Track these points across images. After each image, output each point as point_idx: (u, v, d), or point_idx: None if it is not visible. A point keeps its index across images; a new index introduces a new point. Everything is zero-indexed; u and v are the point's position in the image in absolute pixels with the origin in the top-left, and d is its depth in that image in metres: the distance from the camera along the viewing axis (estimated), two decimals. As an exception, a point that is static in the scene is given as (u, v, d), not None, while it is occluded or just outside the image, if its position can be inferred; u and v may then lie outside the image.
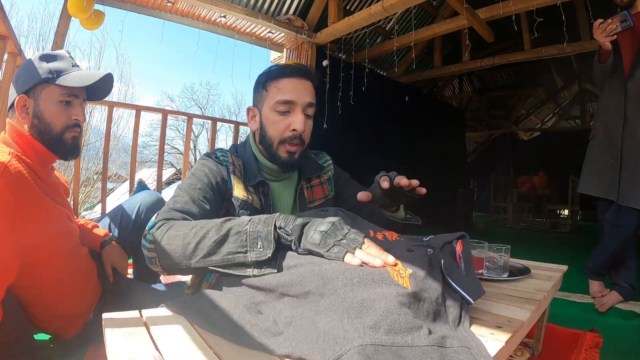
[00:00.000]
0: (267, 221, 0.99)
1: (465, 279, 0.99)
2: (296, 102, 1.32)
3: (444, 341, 0.75)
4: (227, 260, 0.99)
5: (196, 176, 1.28)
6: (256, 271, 0.97)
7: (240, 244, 0.98)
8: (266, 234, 0.97)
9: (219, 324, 0.89)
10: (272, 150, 1.36)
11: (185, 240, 1.02)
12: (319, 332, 0.78)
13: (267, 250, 0.96)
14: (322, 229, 0.94)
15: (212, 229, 1.01)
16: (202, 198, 1.23)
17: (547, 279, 1.51)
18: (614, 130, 2.42)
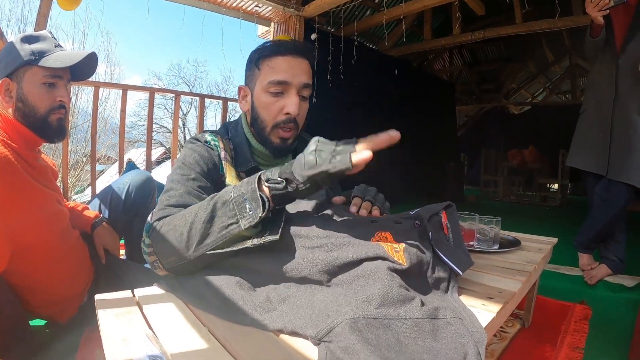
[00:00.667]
0: (250, 180, 0.94)
1: (454, 251, 0.99)
2: (290, 82, 1.22)
3: (437, 312, 0.75)
4: (222, 237, 0.91)
5: (187, 165, 1.20)
6: (256, 240, 0.90)
7: (230, 214, 0.91)
8: (251, 193, 0.91)
9: (212, 301, 0.89)
10: (264, 134, 1.28)
11: (177, 232, 0.95)
12: (314, 308, 0.77)
13: (257, 210, 0.89)
14: (311, 149, 0.87)
15: (200, 210, 0.95)
16: (197, 188, 1.14)
17: (537, 251, 1.51)
18: (605, 104, 2.41)
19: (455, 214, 1.14)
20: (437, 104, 7.63)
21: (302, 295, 0.83)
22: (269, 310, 0.81)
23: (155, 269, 1.03)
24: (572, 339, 1.81)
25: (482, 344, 0.70)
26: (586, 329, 1.91)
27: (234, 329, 0.79)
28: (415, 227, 0.98)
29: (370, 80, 5.71)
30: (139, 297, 0.93)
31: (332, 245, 0.87)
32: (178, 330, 0.77)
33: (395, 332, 0.68)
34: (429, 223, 1.03)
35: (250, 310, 0.82)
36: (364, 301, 0.73)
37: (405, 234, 0.93)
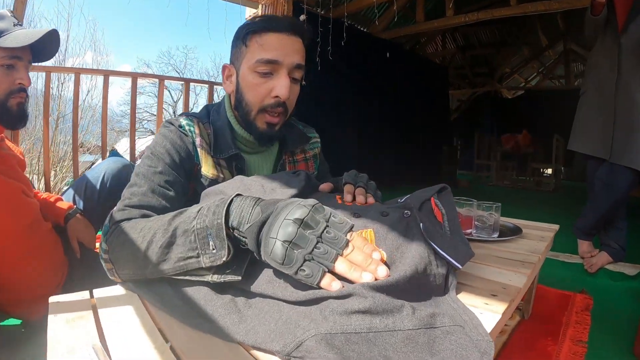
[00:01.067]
0: (217, 211, 0.74)
1: (451, 241, 0.85)
2: (281, 62, 1.09)
3: (433, 320, 0.62)
4: (179, 268, 0.77)
5: (156, 155, 1.06)
6: (216, 277, 0.75)
7: (190, 247, 0.75)
8: (217, 230, 0.72)
9: (172, 300, 0.77)
10: (248, 118, 1.15)
11: (133, 248, 0.82)
12: (281, 314, 0.64)
13: (222, 251, 0.72)
14: (287, 232, 0.66)
15: (158, 230, 0.80)
16: (163, 184, 1.02)
17: (539, 239, 1.40)
18: (607, 85, 2.32)
19: (451, 198, 1.01)
20: (429, 87, 7.53)
21: (270, 302, 0.70)
22: (232, 313, 0.68)
23: (111, 277, 0.90)
24: (575, 331, 1.71)
25: (489, 354, 0.58)
26: (588, 321, 1.81)
27: (194, 339, 0.67)
28: (405, 218, 0.85)
29: (361, 63, 5.59)
30: (97, 299, 0.84)
31: None
32: (132, 340, 0.67)
33: (382, 347, 0.56)
34: (420, 212, 0.90)
35: (212, 313, 0.69)
36: (342, 313, 0.60)
37: (393, 231, 0.79)
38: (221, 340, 0.65)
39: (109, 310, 0.78)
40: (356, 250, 0.68)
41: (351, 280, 0.66)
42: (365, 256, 0.68)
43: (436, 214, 0.94)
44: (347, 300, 0.62)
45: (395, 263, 0.73)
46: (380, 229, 0.79)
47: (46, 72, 2.93)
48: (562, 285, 2.21)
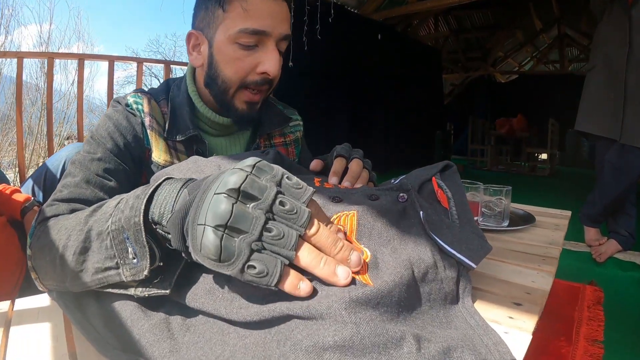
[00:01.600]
0: (135, 204, 0.51)
1: (461, 233, 0.64)
2: (270, 33, 0.89)
3: (448, 358, 0.41)
4: (98, 281, 0.54)
5: (96, 140, 0.89)
6: (139, 290, 0.53)
7: (107, 254, 0.53)
8: (134, 232, 0.50)
9: (93, 319, 0.56)
10: (224, 97, 0.96)
11: (51, 254, 0.61)
12: (225, 349, 0.44)
13: (143, 261, 0.50)
14: (219, 212, 0.42)
15: (73, 231, 0.59)
16: (101, 173, 0.84)
17: (554, 228, 1.22)
18: (617, 61, 2.17)
19: (458, 178, 0.79)
20: (422, 70, 7.42)
21: (215, 323, 0.49)
22: (162, 341, 0.48)
23: (40, 288, 0.69)
24: (589, 329, 1.55)
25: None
26: (602, 317, 1.66)
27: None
28: (400, 202, 0.64)
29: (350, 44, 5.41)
30: (16, 312, 0.68)
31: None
32: None
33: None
34: (419, 195, 0.69)
35: (137, 339, 0.49)
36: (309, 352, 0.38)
37: (382, 219, 0.58)
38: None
39: (23, 329, 0.62)
40: (323, 229, 0.47)
41: (320, 278, 0.45)
42: (334, 237, 0.47)
43: (440, 198, 0.74)
44: (318, 326, 0.41)
45: (385, 260, 0.53)
46: (366, 213, 0.58)
47: (18, 58, 2.79)
48: (570, 276, 2.06)
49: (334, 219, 0.56)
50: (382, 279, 0.47)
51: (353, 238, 0.54)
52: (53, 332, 0.61)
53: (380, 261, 0.51)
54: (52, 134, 3.11)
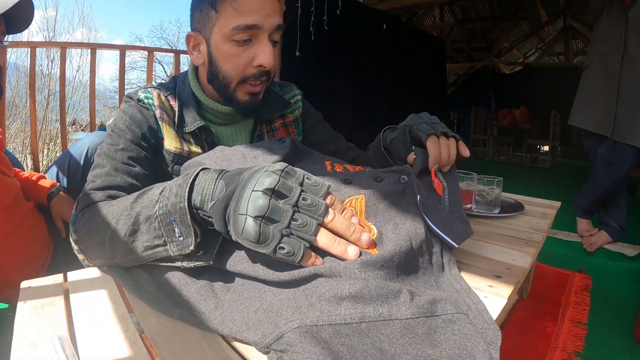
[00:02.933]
0: (179, 192, 0.64)
1: (448, 218, 0.77)
2: (262, 26, 0.95)
3: (434, 307, 0.54)
4: (147, 257, 0.69)
5: (116, 132, 0.99)
6: (185, 263, 0.67)
7: (155, 234, 0.67)
8: (180, 215, 0.63)
9: (146, 286, 0.69)
10: (227, 92, 1.04)
11: (100, 236, 0.74)
12: (262, 303, 0.57)
13: (188, 239, 0.64)
14: (258, 206, 0.56)
15: (121, 216, 0.71)
16: (126, 160, 0.95)
17: (542, 216, 1.33)
18: (612, 60, 2.24)
19: (454, 172, 0.93)
20: (427, 60, 7.39)
21: (251, 284, 0.62)
22: (208, 299, 0.61)
23: (86, 267, 0.83)
24: (574, 312, 1.66)
25: (496, 345, 0.51)
26: (588, 302, 1.77)
27: (168, 327, 0.60)
28: (401, 183, 0.77)
29: (356, 34, 5.44)
30: (70, 283, 0.77)
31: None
32: (102, 329, 0.61)
33: (376, 339, 0.49)
34: (418, 179, 0.81)
35: (187, 299, 0.62)
36: (330, 300, 0.52)
37: (385, 200, 0.71)
38: (198, 330, 0.58)
39: (81, 296, 0.72)
40: (337, 217, 0.61)
41: (335, 256, 0.59)
42: (347, 223, 0.61)
43: (436, 187, 0.86)
44: (337, 282, 0.54)
45: (389, 236, 0.65)
46: (372, 196, 0.71)
47: (31, 48, 2.83)
48: (561, 264, 2.17)
49: (346, 203, 0.68)
50: (386, 248, 0.60)
51: (362, 217, 0.67)
52: (110, 297, 0.71)
53: (384, 236, 0.65)
54: (64, 121, 3.16)
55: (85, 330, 0.60)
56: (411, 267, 0.63)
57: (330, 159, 0.93)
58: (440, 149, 0.90)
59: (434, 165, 0.89)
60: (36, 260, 1.38)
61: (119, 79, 3.38)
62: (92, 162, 1.59)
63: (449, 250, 0.73)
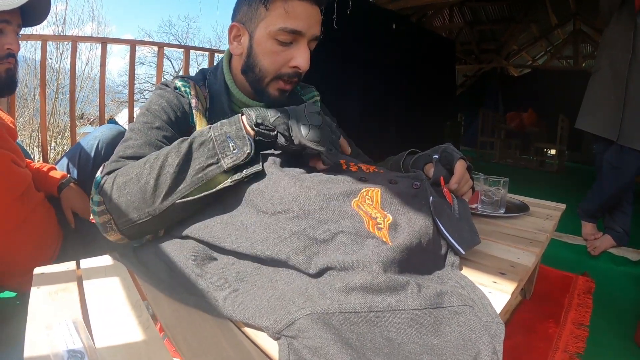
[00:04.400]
0: (232, 120, 0.84)
1: (458, 224, 0.80)
2: (304, 33, 1.01)
3: (440, 299, 0.56)
4: (198, 180, 0.79)
5: (151, 112, 1.02)
6: (236, 176, 0.80)
7: (209, 154, 0.80)
8: (236, 131, 0.81)
9: (160, 274, 0.71)
10: (260, 85, 1.08)
11: (141, 182, 0.80)
12: (275, 292, 0.59)
13: (244, 148, 0.80)
14: (316, 123, 0.81)
15: (170, 153, 0.81)
16: (161, 138, 0.97)
17: (546, 217, 1.35)
18: (620, 64, 2.23)
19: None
20: (436, 61, 7.36)
21: (264, 274, 0.64)
22: (223, 289, 0.63)
23: (106, 232, 0.85)
24: (576, 314, 1.67)
25: (499, 338, 0.53)
26: (590, 304, 1.78)
27: (181, 313, 0.61)
28: (414, 189, 0.79)
29: (366, 33, 5.44)
30: (83, 270, 0.80)
31: (299, 210, 0.69)
32: (116, 315, 0.63)
33: (384, 328, 0.51)
34: (431, 186, 0.84)
35: (201, 288, 0.64)
36: (341, 291, 0.55)
37: (399, 197, 0.73)
38: (210, 316, 0.60)
39: (94, 282, 0.74)
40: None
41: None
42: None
43: (446, 194, 0.89)
44: (349, 274, 0.57)
45: (402, 226, 0.68)
46: (387, 191, 0.74)
47: (42, 41, 2.84)
48: (564, 266, 2.17)
49: (362, 192, 0.70)
50: (397, 240, 0.62)
51: (378, 207, 0.69)
52: (123, 284, 0.73)
53: (399, 225, 0.67)
54: (74, 114, 3.17)
55: (99, 315, 0.62)
56: (419, 262, 0.65)
57: (345, 157, 0.96)
58: (464, 173, 0.98)
59: (454, 184, 0.95)
60: (47, 250, 1.39)
61: (128, 73, 3.40)
62: (102, 155, 1.62)
63: (453, 253, 0.76)
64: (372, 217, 0.68)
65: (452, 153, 1.02)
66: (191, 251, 0.72)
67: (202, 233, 0.74)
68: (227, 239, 0.70)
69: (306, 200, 0.69)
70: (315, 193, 0.71)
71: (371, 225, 0.66)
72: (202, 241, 0.74)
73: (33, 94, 6.96)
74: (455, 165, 0.98)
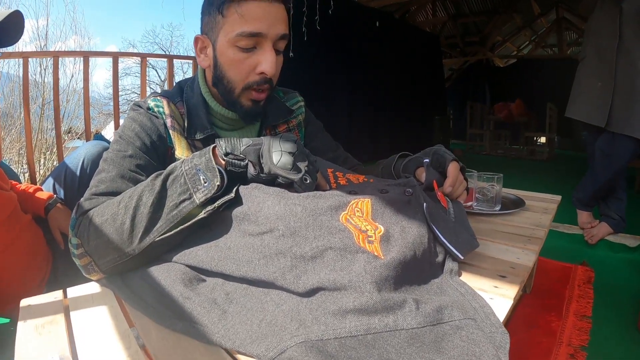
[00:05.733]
0: (203, 151, 0.81)
1: (454, 228, 0.77)
2: (265, 34, 0.95)
3: (440, 315, 0.53)
4: (173, 218, 0.75)
5: (124, 139, 0.97)
6: (209, 207, 0.76)
7: (181, 190, 0.76)
8: (205, 163, 0.78)
9: (147, 298, 0.68)
10: (231, 97, 1.03)
11: (116, 223, 0.76)
12: (265, 316, 0.56)
13: (214, 179, 0.76)
14: (290, 150, 0.79)
15: (144, 192, 0.77)
16: (134, 168, 0.93)
17: (543, 211, 1.33)
18: (607, 51, 2.23)
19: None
20: (422, 56, 7.37)
21: (253, 294, 0.62)
22: (211, 311, 0.60)
23: (88, 274, 0.81)
24: (578, 306, 1.65)
25: (505, 348, 0.50)
26: (591, 295, 1.76)
27: (168, 340, 0.58)
28: (406, 196, 0.76)
29: (349, 32, 5.42)
30: (70, 300, 0.77)
31: (284, 228, 0.66)
32: (104, 347, 0.60)
33: (383, 350, 0.48)
34: (423, 191, 0.81)
35: (189, 311, 0.61)
36: (335, 314, 0.52)
37: (391, 206, 0.71)
38: (200, 343, 0.57)
39: (82, 313, 0.71)
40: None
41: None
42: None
43: (440, 198, 0.86)
44: (342, 295, 0.54)
45: (395, 237, 0.65)
46: (377, 202, 0.71)
47: (23, 58, 2.76)
48: (562, 257, 2.16)
49: (352, 204, 0.68)
50: (390, 254, 0.60)
51: (369, 218, 0.67)
52: (111, 312, 0.70)
53: (391, 236, 0.65)
54: (60, 131, 3.09)
55: (87, 348, 0.59)
56: (415, 274, 0.62)
57: (333, 166, 0.94)
58: (458, 175, 0.96)
59: (449, 187, 0.92)
60: (36, 273, 1.36)
61: (112, 85, 3.35)
62: (88, 172, 1.57)
63: (451, 259, 0.73)
64: (362, 230, 0.65)
65: (444, 155, 0.99)
66: (179, 273, 0.69)
67: (187, 259, 0.71)
68: (212, 262, 0.67)
69: (292, 217, 0.67)
70: (301, 209, 0.68)
71: (361, 239, 0.63)
72: (189, 266, 0.71)
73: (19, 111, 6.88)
74: (447, 167, 0.95)
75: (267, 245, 0.64)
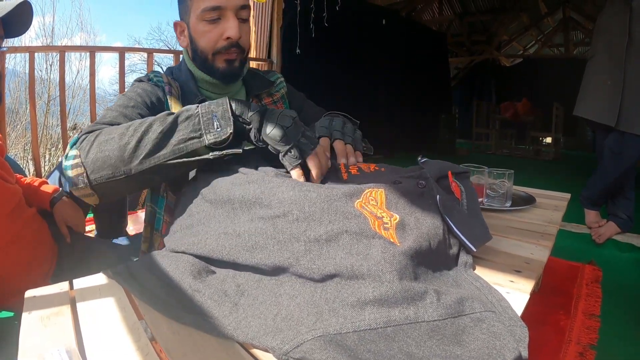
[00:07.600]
0: (220, 101, 0.88)
1: (468, 220, 0.76)
2: (225, 6, 1.11)
3: (461, 307, 0.52)
4: (178, 151, 0.84)
5: (127, 96, 1.08)
6: (217, 152, 0.85)
7: (193, 128, 0.84)
8: (222, 112, 0.86)
9: (156, 291, 0.67)
10: (208, 64, 1.18)
11: (122, 141, 0.84)
12: (280, 310, 0.55)
13: (227, 128, 0.84)
14: (284, 124, 0.85)
15: (155, 121, 0.86)
16: (136, 114, 1.02)
17: (554, 208, 1.32)
18: (617, 50, 2.20)
19: (470, 183, 0.92)
20: (428, 54, 7.34)
21: (266, 287, 0.60)
22: (222, 304, 0.59)
23: (74, 186, 0.87)
24: (586, 304, 1.64)
25: (524, 342, 0.49)
26: (599, 293, 1.75)
27: (180, 334, 0.57)
28: (419, 188, 0.75)
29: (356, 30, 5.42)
30: (77, 291, 0.74)
31: (298, 212, 0.65)
32: (112, 340, 0.58)
33: (403, 342, 0.47)
34: (436, 183, 0.80)
35: (199, 305, 0.60)
36: (354, 306, 0.51)
37: (405, 197, 0.70)
38: (213, 337, 0.56)
39: (88, 304, 0.69)
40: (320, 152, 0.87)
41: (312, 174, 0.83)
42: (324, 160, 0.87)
43: (454, 190, 0.85)
44: (360, 284, 0.53)
45: (410, 226, 0.64)
46: (391, 192, 0.70)
47: (29, 53, 2.78)
48: (570, 256, 2.14)
49: (366, 192, 0.67)
50: (407, 242, 0.59)
51: (383, 207, 0.66)
52: (119, 304, 0.68)
53: (407, 225, 0.64)
54: (65, 126, 3.12)
55: (94, 341, 0.58)
56: (431, 265, 0.61)
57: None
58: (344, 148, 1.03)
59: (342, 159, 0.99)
60: (41, 267, 1.35)
61: (119, 81, 3.35)
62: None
63: (465, 251, 0.72)
64: (378, 217, 0.64)
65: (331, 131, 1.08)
66: (187, 264, 0.68)
67: (197, 248, 0.70)
68: (223, 251, 0.66)
69: (306, 202, 0.66)
70: (316, 195, 0.67)
71: (377, 225, 0.62)
72: (198, 256, 0.70)
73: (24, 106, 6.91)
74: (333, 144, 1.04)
75: (280, 230, 0.63)
